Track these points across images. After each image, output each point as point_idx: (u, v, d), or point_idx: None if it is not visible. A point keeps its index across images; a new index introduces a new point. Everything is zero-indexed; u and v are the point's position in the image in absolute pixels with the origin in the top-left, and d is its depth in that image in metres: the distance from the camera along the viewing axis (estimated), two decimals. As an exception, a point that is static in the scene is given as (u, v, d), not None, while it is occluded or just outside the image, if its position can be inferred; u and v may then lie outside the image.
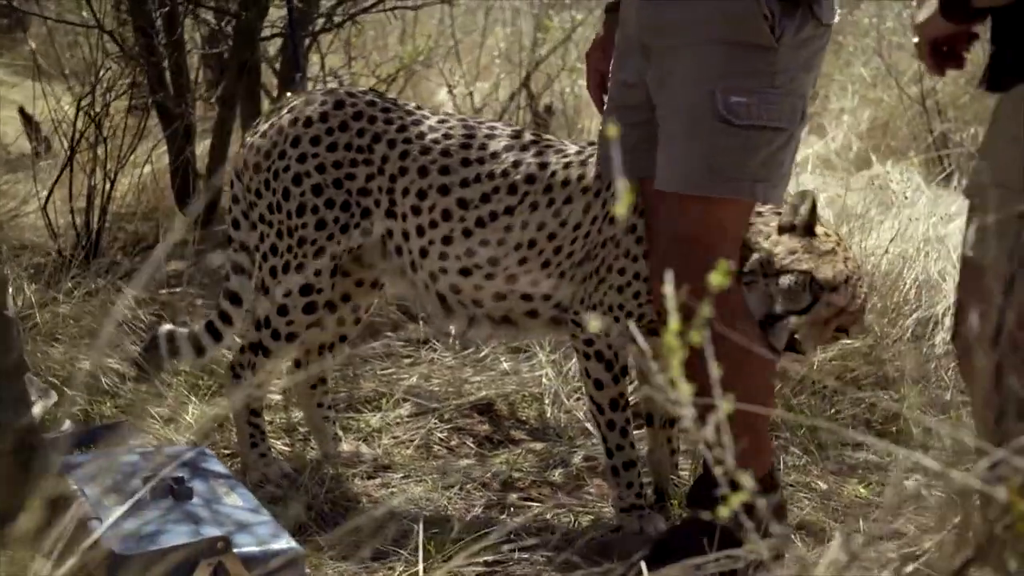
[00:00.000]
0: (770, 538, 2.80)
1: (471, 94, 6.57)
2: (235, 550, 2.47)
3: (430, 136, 3.24)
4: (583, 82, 6.98)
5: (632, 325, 1.95)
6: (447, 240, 3.18)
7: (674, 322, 1.39)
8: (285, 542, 2.55)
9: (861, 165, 6.77)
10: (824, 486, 3.44)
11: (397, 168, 3.23)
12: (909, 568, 1.49)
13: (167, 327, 3.52)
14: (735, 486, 2.86)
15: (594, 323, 1.47)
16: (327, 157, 3.25)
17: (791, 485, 3.42)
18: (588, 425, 3.71)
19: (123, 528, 2.48)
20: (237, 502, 2.69)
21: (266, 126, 3.37)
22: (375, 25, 5.95)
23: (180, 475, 2.70)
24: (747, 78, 2.75)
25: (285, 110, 3.37)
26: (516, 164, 3.16)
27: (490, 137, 3.22)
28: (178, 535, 2.49)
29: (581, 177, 3.13)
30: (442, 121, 3.28)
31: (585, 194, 3.12)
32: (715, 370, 2.23)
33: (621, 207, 1.33)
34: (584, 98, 6.98)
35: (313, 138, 3.27)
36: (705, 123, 2.76)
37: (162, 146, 5.14)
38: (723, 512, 1.44)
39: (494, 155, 3.18)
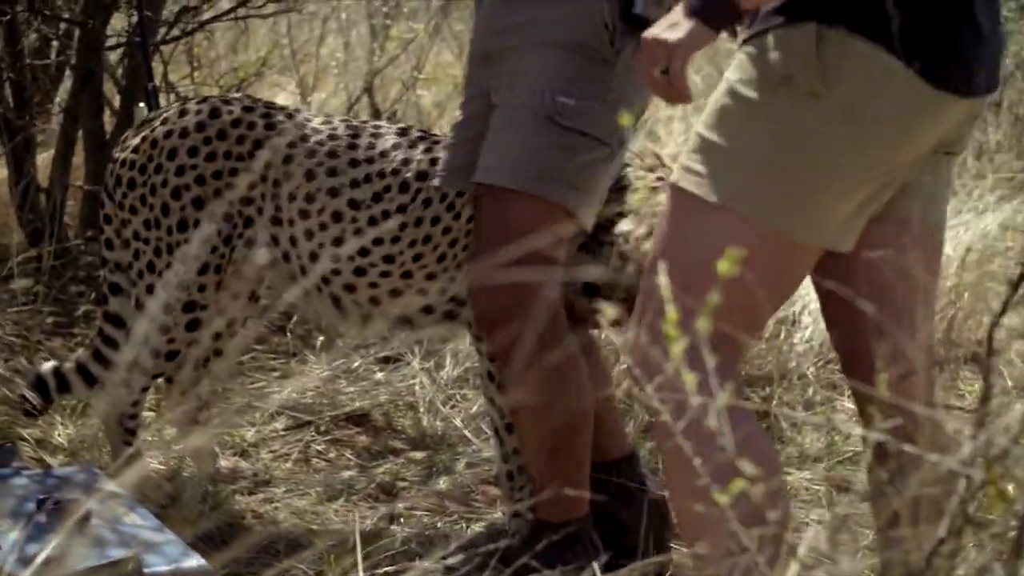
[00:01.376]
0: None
1: (309, 104, 6.51)
2: (146, 570, 2.41)
3: (314, 138, 3.19)
4: (423, 92, 6.97)
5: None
6: (338, 242, 3.14)
7: (672, 312, 1.41)
8: (196, 561, 2.50)
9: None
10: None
11: (281, 173, 3.17)
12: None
13: (50, 364, 3.39)
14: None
15: (610, 311, 1.46)
16: (207, 167, 3.18)
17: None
18: (467, 432, 3.72)
19: (27, 554, 2.40)
20: (138, 521, 2.63)
21: (137, 140, 3.27)
22: (206, 35, 5.84)
23: (75, 496, 2.62)
24: (579, 83, 2.79)
25: (158, 122, 3.27)
26: (406, 162, 3.13)
27: (376, 136, 3.18)
28: (85, 558, 2.42)
29: None
30: (325, 123, 3.23)
31: None
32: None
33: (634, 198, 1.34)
34: (425, 108, 6.99)
35: (191, 149, 3.19)
36: (531, 119, 2.79)
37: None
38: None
39: (383, 154, 3.15)
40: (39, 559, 2.26)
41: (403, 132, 3.19)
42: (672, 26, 2.14)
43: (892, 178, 2.23)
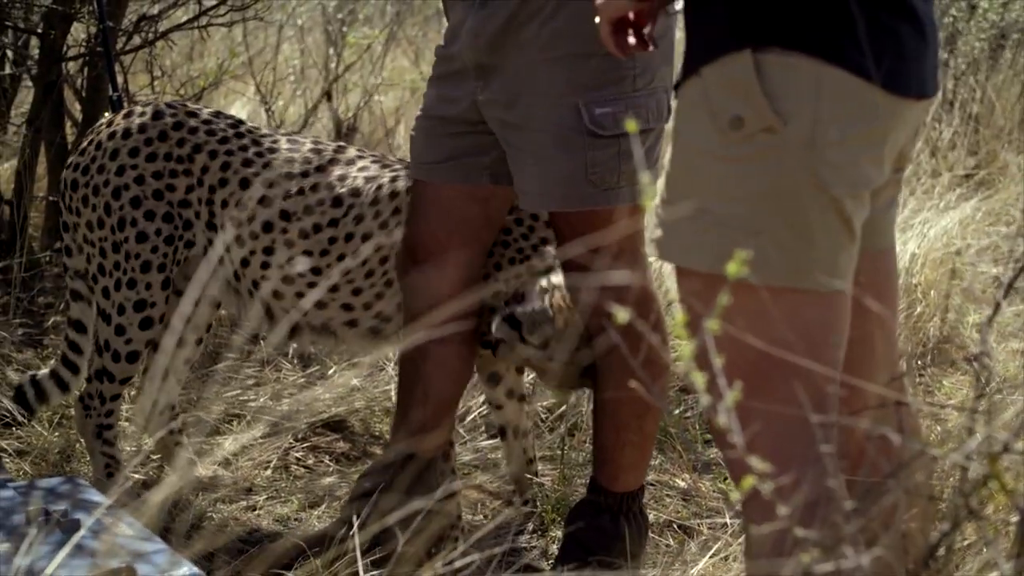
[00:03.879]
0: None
1: (269, 110, 6.48)
2: (139, 580, 2.41)
3: (253, 149, 3.22)
4: (380, 98, 6.95)
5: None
6: (268, 251, 3.17)
7: (681, 315, 1.43)
8: (187, 568, 2.49)
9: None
10: (683, 484, 3.54)
11: (217, 179, 3.20)
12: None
13: (28, 375, 3.45)
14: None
15: (621, 314, 1.48)
16: (146, 168, 3.20)
17: (651, 484, 3.50)
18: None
19: (18, 566, 2.38)
20: (127, 531, 2.61)
21: (85, 143, 3.31)
22: (166, 44, 5.81)
23: (63, 507, 2.61)
24: (608, 86, 2.78)
25: (104, 124, 3.31)
26: (342, 178, 3.16)
27: (316, 152, 3.21)
28: (77, 569, 2.41)
29: (409, 190, 3.13)
30: (266, 135, 3.26)
31: None
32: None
33: (647, 200, 1.36)
34: (379, 116, 6.98)
35: (132, 149, 3.21)
36: (576, 138, 2.79)
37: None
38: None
39: (319, 168, 3.18)
40: (22, 570, 2.26)
41: (340, 149, 3.22)
42: None
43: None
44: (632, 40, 2.17)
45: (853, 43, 1.92)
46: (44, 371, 3.44)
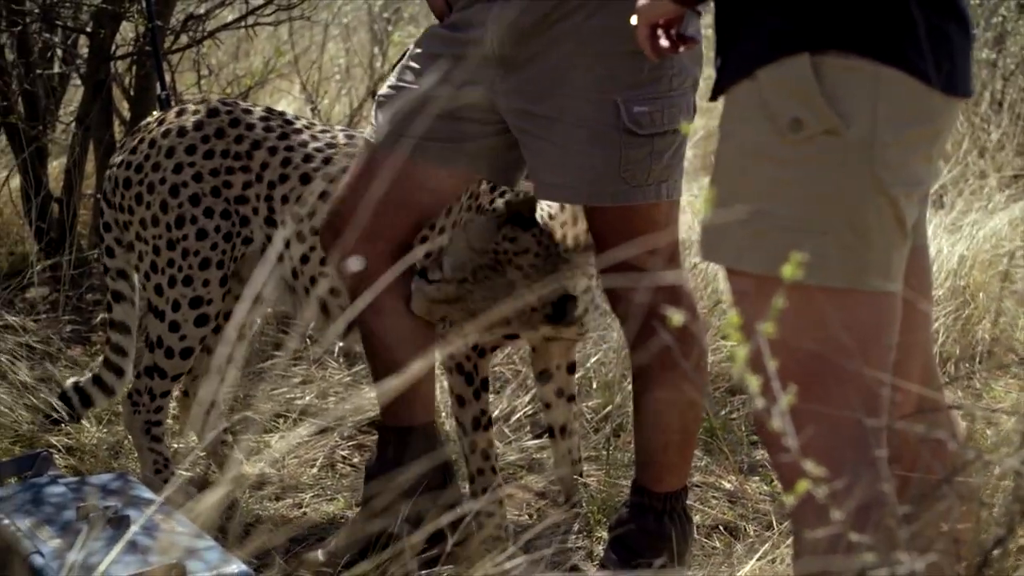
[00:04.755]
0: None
1: (314, 109, 6.51)
2: (189, 576, 2.42)
3: (313, 144, 3.23)
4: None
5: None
6: None
7: (734, 316, 1.42)
8: (236, 566, 2.50)
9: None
10: (729, 485, 3.52)
11: (277, 175, 3.21)
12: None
13: (71, 380, 3.48)
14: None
15: (677, 317, 1.47)
16: (204, 164, 3.21)
17: (697, 486, 3.49)
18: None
19: (69, 562, 2.41)
20: (176, 528, 2.63)
21: (135, 141, 3.31)
22: (213, 43, 5.84)
23: (114, 503, 2.63)
24: (647, 85, 2.78)
25: (155, 123, 3.32)
26: None
27: None
28: (128, 566, 2.43)
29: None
30: (324, 131, 3.27)
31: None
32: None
33: (704, 204, 1.35)
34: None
35: (189, 147, 3.23)
36: (611, 135, 2.78)
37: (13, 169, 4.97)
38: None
39: None
40: (98, 572, 2.28)
41: None
42: None
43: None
44: (665, 43, 2.21)
45: (910, 44, 1.93)
46: (87, 376, 3.45)
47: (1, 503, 2.69)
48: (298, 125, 3.28)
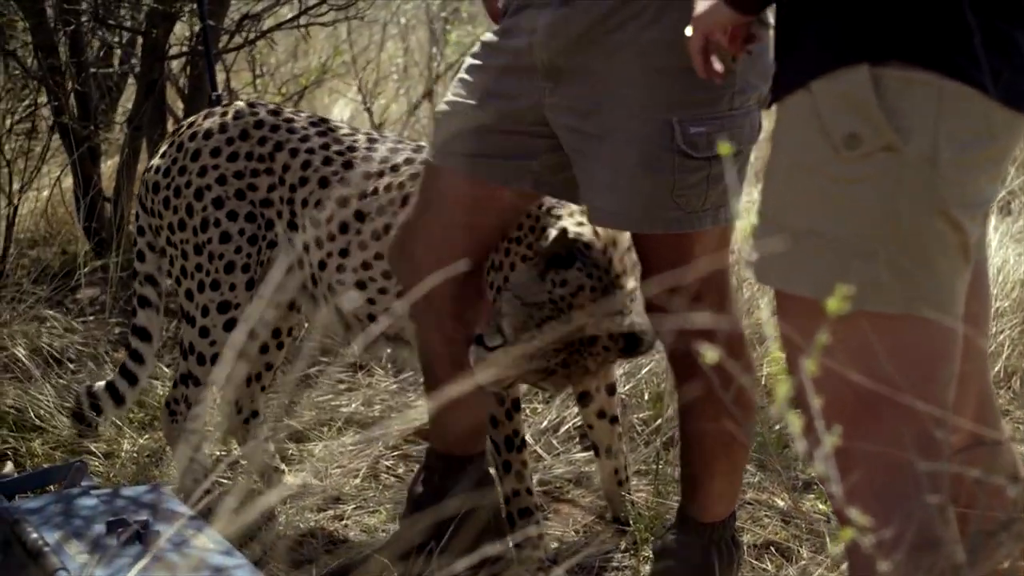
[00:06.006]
0: None
1: (369, 109, 6.46)
2: (217, 596, 2.36)
3: (334, 148, 3.16)
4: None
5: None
6: (344, 253, 3.10)
7: (777, 352, 1.33)
8: (266, 586, 2.43)
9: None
10: (782, 503, 3.41)
11: (298, 178, 3.15)
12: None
13: (85, 385, 3.42)
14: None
15: (711, 354, 1.37)
16: (228, 167, 3.16)
17: (749, 503, 3.39)
18: (537, 448, 3.64)
19: (96, 578, 2.35)
20: (207, 544, 2.56)
21: (166, 145, 3.27)
22: (268, 43, 5.81)
23: (145, 518, 2.57)
24: (705, 105, 2.57)
25: (184, 126, 3.28)
26: (414, 176, 3.06)
27: (394, 151, 3.14)
28: (156, 583, 2.37)
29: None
30: (348, 134, 3.21)
31: None
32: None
33: (745, 226, 1.26)
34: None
35: (214, 149, 3.18)
36: (665, 156, 2.57)
37: (65, 169, 4.96)
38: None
39: (394, 168, 3.11)
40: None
41: (417, 149, 3.14)
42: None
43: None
44: (718, 67, 2.09)
45: (974, 56, 1.81)
46: (100, 383, 3.39)
47: (32, 515, 2.64)
48: (323, 128, 3.21)
